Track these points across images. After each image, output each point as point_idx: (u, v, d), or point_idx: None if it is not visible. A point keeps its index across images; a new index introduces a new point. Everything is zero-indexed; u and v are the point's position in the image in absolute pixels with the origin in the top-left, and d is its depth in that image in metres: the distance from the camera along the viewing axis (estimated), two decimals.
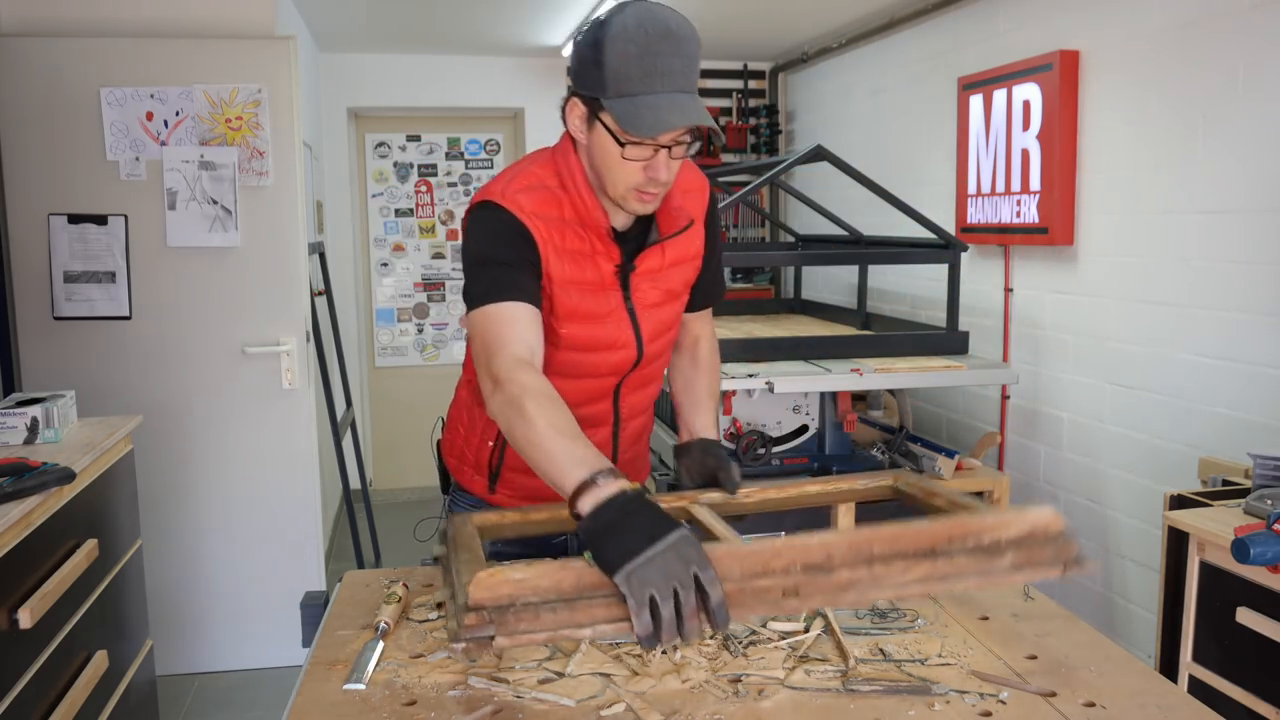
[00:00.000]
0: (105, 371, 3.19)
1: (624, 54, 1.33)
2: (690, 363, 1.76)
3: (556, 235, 1.47)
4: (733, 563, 1.11)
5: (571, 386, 1.57)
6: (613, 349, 1.56)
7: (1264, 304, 2.51)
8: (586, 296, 1.51)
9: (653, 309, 1.57)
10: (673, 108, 1.34)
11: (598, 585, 1.08)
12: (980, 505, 1.43)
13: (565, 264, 1.48)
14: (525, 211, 1.46)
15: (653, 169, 1.40)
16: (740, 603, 1.10)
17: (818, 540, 1.14)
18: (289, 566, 3.38)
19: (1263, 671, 1.89)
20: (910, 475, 1.61)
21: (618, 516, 1.11)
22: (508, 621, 1.05)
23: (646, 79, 1.33)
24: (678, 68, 1.34)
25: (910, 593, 1.17)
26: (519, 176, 1.50)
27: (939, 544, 1.17)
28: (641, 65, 1.33)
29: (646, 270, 1.55)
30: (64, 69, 3.10)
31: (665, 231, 1.54)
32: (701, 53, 1.40)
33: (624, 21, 1.34)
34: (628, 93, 1.34)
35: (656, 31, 1.32)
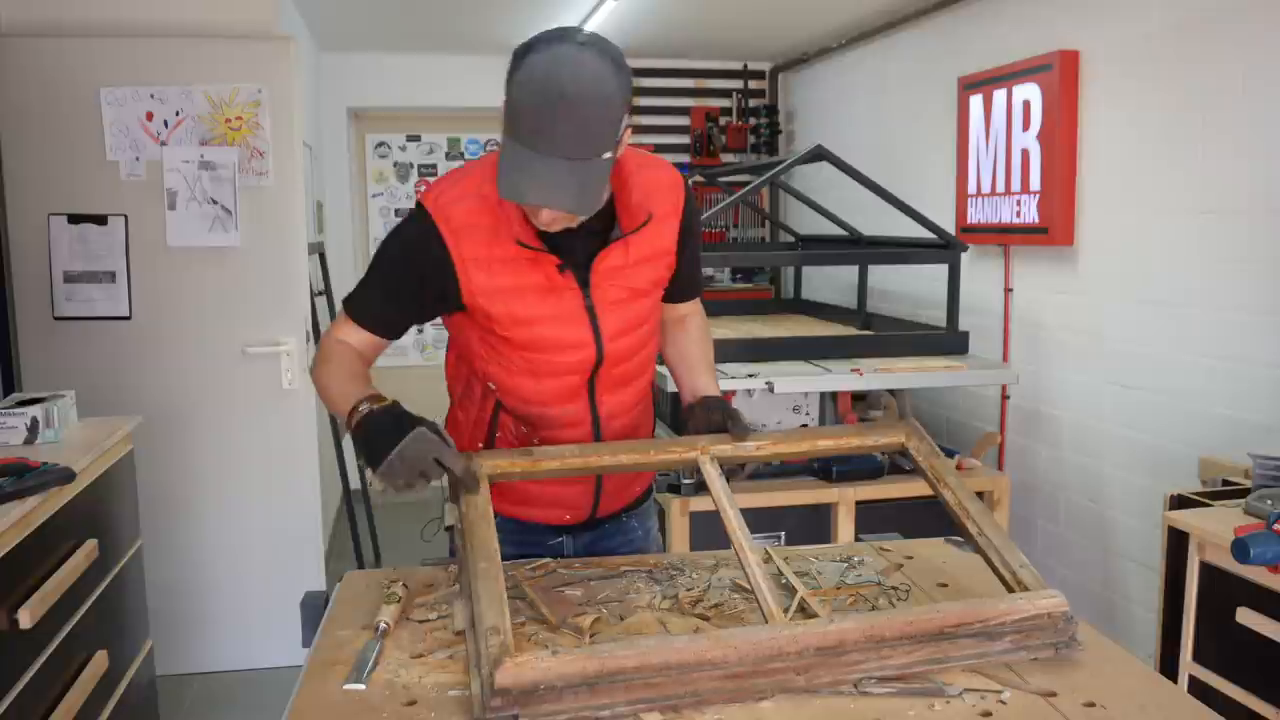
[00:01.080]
0: (105, 371, 3.18)
1: (518, 102, 1.29)
2: (680, 334, 1.78)
3: (484, 247, 1.47)
4: (749, 648, 1.16)
5: (538, 386, 1.58)
6: (569, 349, 1.55)
7: (1264, 304, 2.51)
8: (530, 301, 1.50)
9: (616, 306, 1.56)
10: (535, 180, 1.29)
11: (617, 671, 1.12)
12: (984, 514, 1.45)
13: (495, 275, 1.48)
14: (451, 226, 1.47)
15: (534, 213, 1.40)
16: (751, 681, 1.16)
17: (835, 628, 1.20)
18: (289, 566, 3.37)
19: (1263, 671, 1.89)
20: (922, 443, 1.59)
21: (370, 429, 1.39)
22: (531, 704, 1.10)
23: (531, 135, 1.28)
24: (566, 134, 1.27)
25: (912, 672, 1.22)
26: (459, 181, 1.52)
27: (947, 629, 1.23)
28: (531, 121, 1.27)
29: (608, 269, 1.53)
30: (64, 69, 3.09)
31: (625, 229, 1.52)
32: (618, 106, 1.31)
33: (532, 69, 1.28)
34: (514, 136, 1.30)
35: (553, 92, 1.25)
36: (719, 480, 1.48)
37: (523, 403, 1.60)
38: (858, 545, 1.77)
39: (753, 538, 1.39)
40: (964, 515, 1.46)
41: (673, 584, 1.53)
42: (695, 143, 5.59)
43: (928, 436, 1.60)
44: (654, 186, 1.55)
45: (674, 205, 1.58)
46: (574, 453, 1.52)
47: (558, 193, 1.30)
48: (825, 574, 1.58)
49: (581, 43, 1.31)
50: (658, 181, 1.57)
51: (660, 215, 1.56)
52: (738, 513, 1.41)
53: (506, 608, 1.19)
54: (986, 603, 1.28)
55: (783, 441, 1.60)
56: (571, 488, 1.68)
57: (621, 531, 1.79)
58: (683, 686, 1.14)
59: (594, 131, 1.30)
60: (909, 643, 1.22)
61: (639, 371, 1.67)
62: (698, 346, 1.77)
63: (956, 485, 1.50)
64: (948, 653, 1.23)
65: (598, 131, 1.30)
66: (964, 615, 1.24)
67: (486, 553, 1.29)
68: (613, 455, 1.54)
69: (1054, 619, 1.27)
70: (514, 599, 1.46)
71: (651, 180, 1.55)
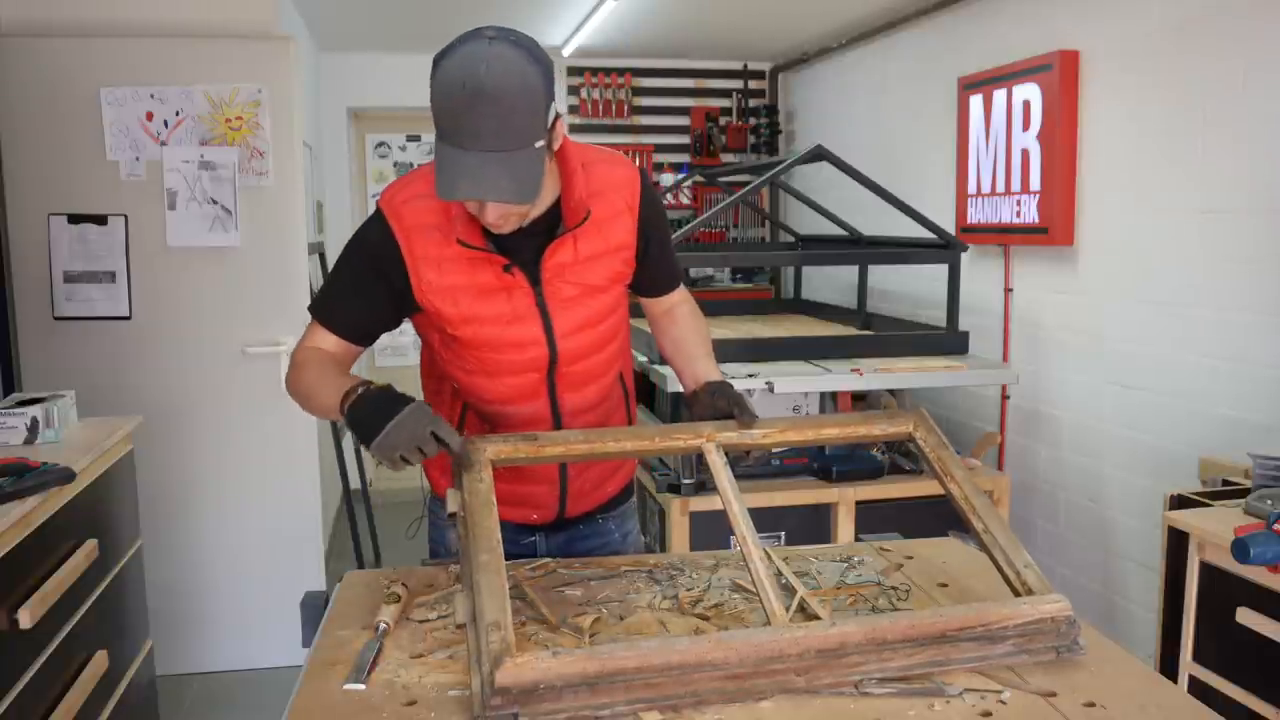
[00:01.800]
0: (105, 371, 3.18)
1: (439, 103, 1.31)
2: (671, 324, 1.77)
3: (435, 246, 1.49)
4: (750, 650, 1.17)
5: (496, 385, 1.59)
6: (520, 347, 1.56)
7: (1264, 304, 2.51)
8: (480, 300, 1.52)
9: (569, 304, 1.56)
10: (465, 176, 1.30)
11: (618, 672, 1.13)
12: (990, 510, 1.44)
13: (446, 273, 1.50)
14: (404, 225, 1.50)
15: (480, 212, 1.41)
16: (751, 682, 1.16)
17: (836, 631, 1.20)
18: (289, 566, 3.37)
19: (1263, 671, 1.89)
20: (929, 433, 1.57)
21: (365, 406, 1.41)
22: (530, 703, 1.10)
23: (455, 134, 1.30)
24: (490, 128, 1.28)
25: (913, 674, 1.21)
26: (413, 182, 1.54)
27: (950, 632, 1.23)
28: (452, 120, 1.29)
29: (557, 265, 1.53)
30: (64, 69, 3.09)
31: (567, 225, 1.52)
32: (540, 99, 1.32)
33: (446, 70, 1.30)
34: (442, 137, 1.32)
35: (471, 88, 1.27)
36: (725, 470, 1.47)
37: (483, 402, 1.62)
38: (858, 545, 1.77)
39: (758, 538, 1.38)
40: (969, 510, 1.45)
41: (673, 584, 1.53)
42: (695, 143, 5.59)
43: (936, 427, 1.58)
44: (603, 183, 1.56)
45: (628, 201, 1.58)
46: (579, 438, 1.52)
47: (489, 185, 1.31)
48: (825, 574, 1.58)
49: (491, 38, 1.33)
50: (606, 178, 1.56)
51: (610, 212, 1.55)
52: (743, 506, 1.40)
53: (508, 603, 1.19)
54: (990, 606, 1.28)
55: (790, 429, 1.58)
56: (537, 487, 1.69)
57: (598, 534, 1.79)
58: (683, 687, 1.14)
59: (518, 122, 1.31)
60: (910, 645, 1.22)
61: (602, 370, 1.67)
62: (692, 333, 1.75)
63: (963, 479, 1.48)
64: (949, 655, 1.23)
65: (522, 122, 1.31)
66: (967, 619, 1.24)
67: (489, 543, 1.28)
68: (617, 442, 1.53)
69: (1057, 623, 1.27)
70: (514, 599, 1.46)
71: (599, 177, 1.55)
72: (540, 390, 1.61)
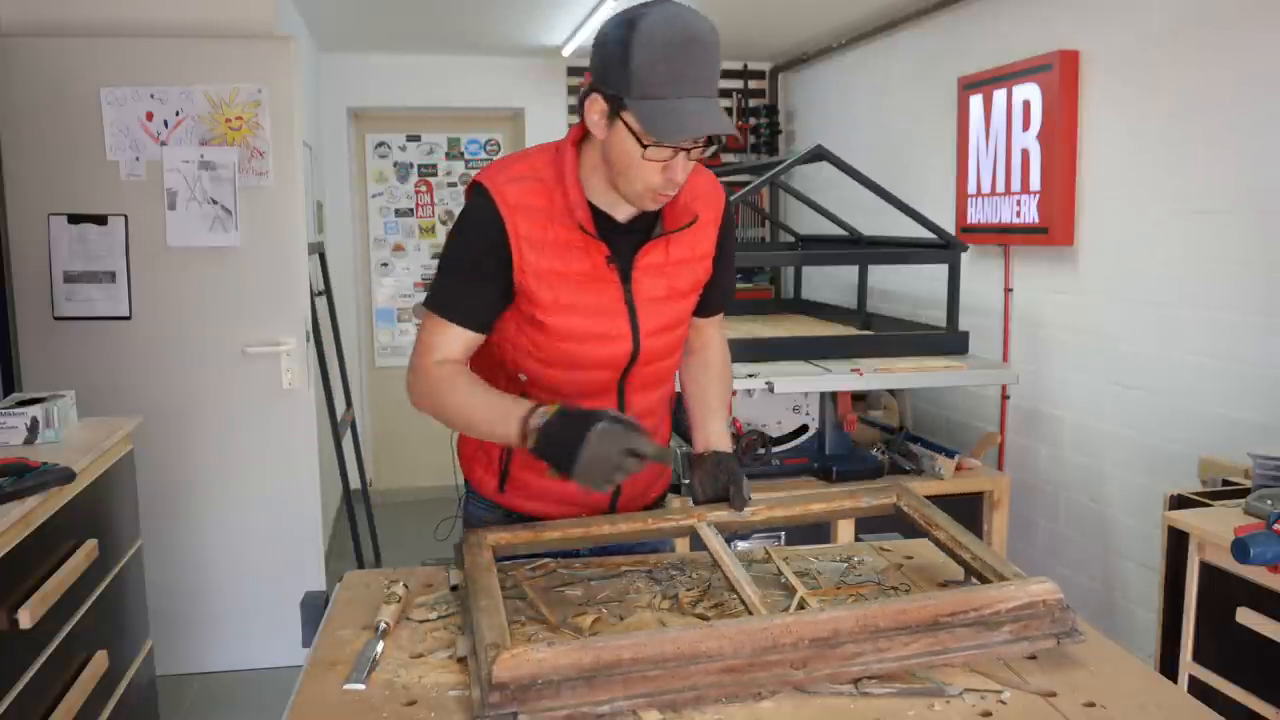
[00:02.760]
0: (105, 371, 3.19)
1: (651, 57, 1.34)
2: (702, 369, 1.77)
3: (539, 228, 1.50)
4: (744, 639, 1.17)
5: (568, 379, 1.59)
6: (606, 341, 1.56)
7: (1264, 304, 2.51)
8: (574, 288, 1.52)
9: (654, 304, 1.58)
10: (696, 115, 1.36)
11: (615, 664, 1.13)
12: (977, 543, 1.46)
13: (545, 257, 1.50)
14: (508, 203, 1.49)
15: (670, 170, 1.42)
16: (750, 675, 1.17)
17: (826, 616, 1.21)
18: (289, 566, 3.37)
19: (1263, 671, 1.89)
20: (912, 498, 1.64)
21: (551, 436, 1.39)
22: (529, 699, 1.10)
23: (672, 84, 1.34)
24: (703, 74, 1.36)
25: (913, 664, 1.22)
26: (516, 164, 1.54)
27: (942, 617, 1.23)
28: (668, 70, 1.34)
29: (649, 265, 1.56)
30: (64, 69, 3.10)
31: (669, 227, 1.55)
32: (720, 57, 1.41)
33: (652, 24, 1.34)
34: (652, 95, 1.35)
35: (684, 37, 1.33)
36: (716, 539, 1.51)
37: (552, 395, 1.59)
38: (857, 545, 1.77)
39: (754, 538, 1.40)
40: (957, 547, 1.49)
41: (673, 584, 1.53)
42: None
43: (916, 493, 1.65)
44: (698, 190, 1.59)
45: (715, 211, 1.63)
46: (575, 524, 1.56)
47: (718, 121, 1.37)
48: (825, 574, 1.58)
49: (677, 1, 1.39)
50: (701, 188, 1.61)
51: (703, 219, 1.59)
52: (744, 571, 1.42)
53: (508, 635, 1.19)
54: (977, 591, 1.29)
55: (778, 506, 1.64)
56: None
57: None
58: (681, 681, 1.14)
59: (718, 69, 1.40)
60: (905, 633, 1.21)
61: (667, 375, 1.71)
62: (716, 386, 1.76)
63: (947, 523, 1.54)
64: (946, 644, 1.23)
65: (718, 70, 1.40)
66: (957, 604, 1.24)
67: (488, 594, 1.31)
68: (612, 525, 1.58)
69: (1050, 606, 1.26)
70: (514, 599, 1.46)
71: (696, 185, 1.59)
72: (611, 389, 1.62)
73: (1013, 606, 1.25)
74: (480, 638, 1.19)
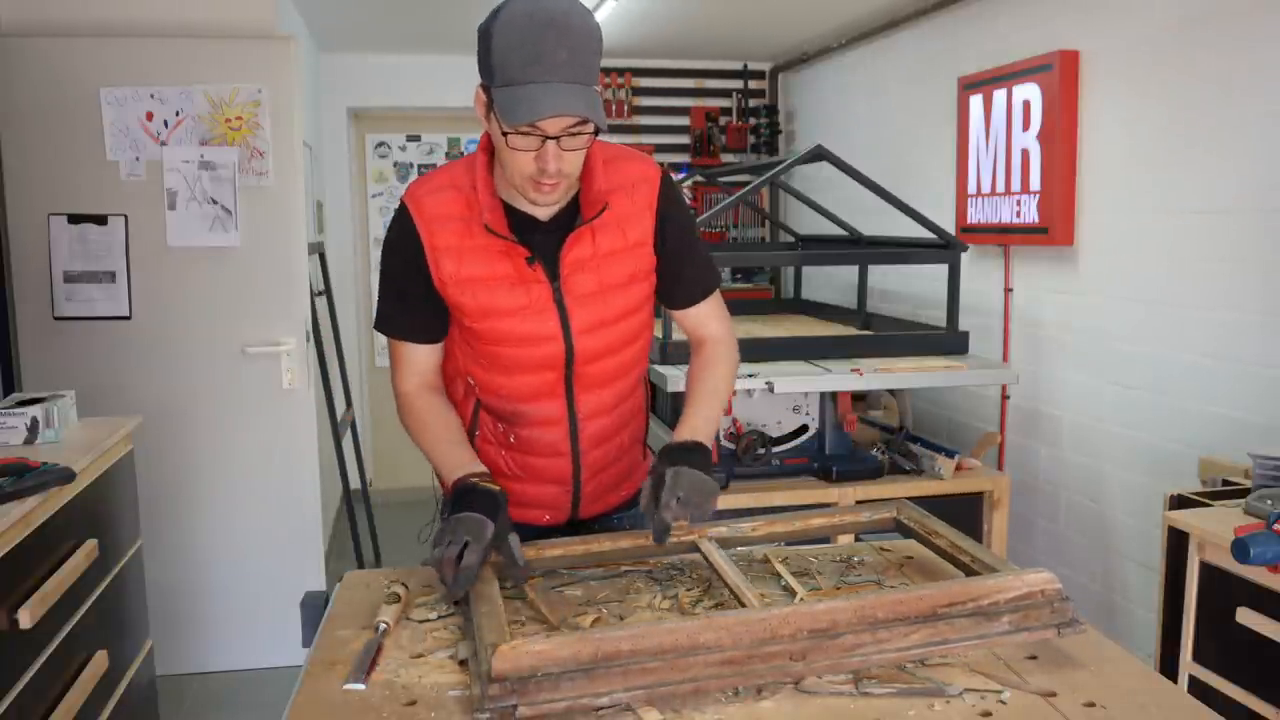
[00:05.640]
0: (105, 371, 3.19)
1: (507, 43, 1.32)
2: (696, 362, 1.74)
3: (455, 236, 1.51)
4: (742, 630, 1.17)
5: (513, 382, 1.59)
6: (535, 342, 1.55)
7: (1264, 304, 2.51)
8: (497, 292, 1.52)
9: (586, 300, 1.55)
10: (544, 99, 1.32)
11: (614, 655, 1.13)
12: (978, 548, 1.46)
13: (466, 264, 1.51)
14: (424, 215, 1.52)
15: (541, 159, 1.39)
16: (749, 667, 1.16)
17: (824, 607, 1.20)
18: (289, 566, 3.37)
19: (1263, 671, 1.89)
20: (912, 510, 1.65)
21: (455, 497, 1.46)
22: (529, 691, 1.10)
23: (527, 68, 1.31)
24: (561, 58, 1.32)
25: (913, 655, 1.21)
26: (437, 176, 1.56)
27: (940, 608, 1.23)
28: (523, 54, 1.31)
29: (576, 260, 1.53)
30: (64, 69, 3.09)
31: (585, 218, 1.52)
32: (600, 43, 1.38)
33: (512, 11, 1.33)
34: (510, 81, 1.33)
35: (541, 20, 1.31)
36: (717, 552, 1.51)
37: (500, 399, 1.62)
38: (857, 545, 1.77)
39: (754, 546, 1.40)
40: (958, 552, 1.49)
41: (673, 584, 1.53)
42: (695, 143, 5.59)
43: (916, 506, 1.66)
44: (622, 179, 1.56)
45: (646, 198, 1.57)
46: (577, 542, 1.56)
47: (571, 103, 1.33)
48: (825, 574, 1.58)
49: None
50: (626, 174, 1.57)
51: (631, 208, 1.55)
52: (741, 576, 1.43)
53: (508, 636, 1.19)
54: (976, 582, 1.28)
55: (779, 522, 1.64)
56: (546, 487, 1.68)
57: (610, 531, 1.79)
58: (680, 673, 1.14)
59: (589, 58, 1.35)
60: (904, 624, 1.21)
61: (621, 372, 1.66)
62: (707, 375, 1.69)
63: (947, 531, 1.55)
64: (946, 635, 1.22)
65: (591, 59, 1.36)
66: (954, 594, 1.24)
67: (489, 600, 1.31)
68: (614, 543, 1.57)
69: (1049, 596, 1.26)
70: (514, 599, 1.46)
71: (621, 172, 1.56)
72: (557, 390, 1.61)
73: (1011, 597, 1.25)
74: (481, 638, 1.19)
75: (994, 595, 1.25)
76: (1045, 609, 1.26)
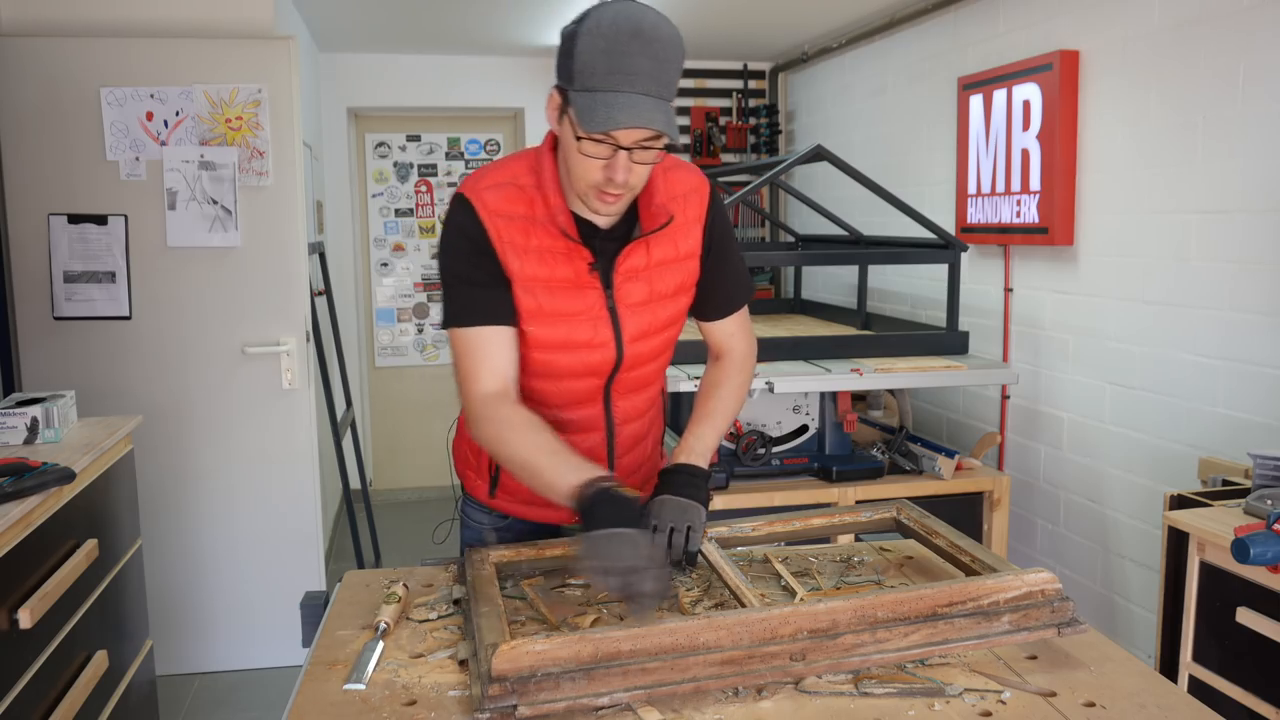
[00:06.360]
0: (105, 371, 3.19)
1: (592, 48, 1.32)
2: (711, 374, 1.73)
3: (520, 234, 1.48)
4: (742, 630, 1.17)
5: (552, 389, 1.58)
6: (589, 348, 1.55)
7: (1264, 304, 2.51)
8: (556, 295, 1.51)
9: (637, 308, 1.56)
10: (627, 108, 1.31)
11: (614, 655, 1.13)
12: (978, 547, 1.46)
13: (529, 263, 1.49)
14: (488, 209, 1.48)
15: (611, 169, 1.39)
16: (749, 667, 1.16)
17: (824, 607, 1.21)
18: (289, 566, 3.38)
19: (1263, 671, 1.89)
20: (912, 510, 1.66)
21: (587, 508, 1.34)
22: (529, 691, 1.10)
23: (610, 76, 1.31)
24: (644, 68, 1.31)
25: (913, 655, 1.21)
26: (494, 171, 1.53)
27: (940, 608, 1.23)
28: (607, 61, 1.31)
29: (630, 269, 1.53)
30: (64, 69, 3.10)
31: (645, 229, 1.53)
32: (683, 59, 1.38)
33: (599, 17, 1.33)
34: (590, 87, 1.33)
35: (629, 31, 1.31)
36: (717, 552, 1.52)
37: (540, 406, 1.59)
38: (858, 545, 1.77)
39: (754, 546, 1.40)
40: (958, 552, 1.49)
41: (673, 584, 1.53)
42: (695, 143, 5.59)
43: (915, 507, 1.67)
44: (678, 189, 1.56)
45: (698, 210, 1.59)
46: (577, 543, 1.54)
47: (650, 116, 1.32)
48: (825, 574, 1.58)
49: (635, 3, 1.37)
50: (682, 183, 1.57)
51: (683, 219, 1.56)
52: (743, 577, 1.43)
53: (508, 636, 1.19)
54: (976, 581, 1.28)
55: (778, 523, 1.65)
56: None
57: None
58: (680, 673, 1.14)
59: (670, 73, 1.35)
60: (904, 624, 1.21)
61: (654, 378, 1.67)
62: (717, 394, 1.67)
63: (947, 531, 1.55)
64: (946, 635, 1.22)
65: (670, 74, 1.35)
66: (954, 594, 1.24)
67: (489, 601, 1.31)
68: None
69: (1049, 596, 1.27)
70: (514, 599, 1.46)
71: (677, 182, 1.57)
72: (597, 396, 1.61)
73: (1011, 597, 1.25)
74: (481, 638, 1.19)
75: (994, 595, 1.25)
76: (1045, 609, 1.26)
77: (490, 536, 1.70)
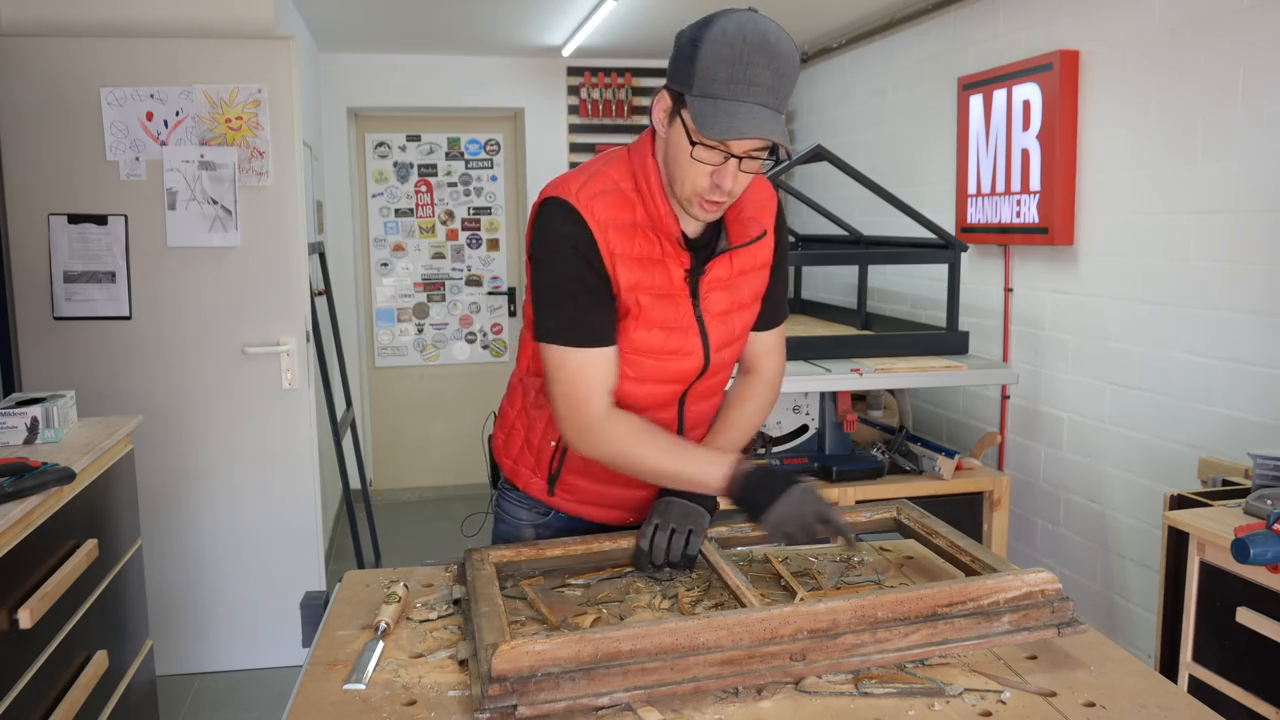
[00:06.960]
0: (105, 371, 3.19)
1: (717, 55, 1.33)
2: (738, 386, 1.74)
3: (626, 241, 1.47)
4: (742, 630, 1.17)
5: (637, 391, 1.56)
6: (680, 355, 1.55)
7: (1264, 304, 2.51)
8: (656, 302, 1.50)
9: (721, 317, 1.56)
10: (748, 117, 1.33)
11: (614, 655, 1.13)
12: (978, 547, 1.46)
13: (634, 270, 1.48)
14: (598, 219, 1.45)
15: (720, 176, 1.39)
16: (749, 667, 1.17)
17: (824, 607, 1.21)
18: (289, 566, 3.37)
19: (1263, 671, 1.89)
20: (912, 510, 1.66)
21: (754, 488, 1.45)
22: (529, 691, 1.10)
23: (732, 85, 1.33)
24: (766, 80, 1.33)
25: (913, 655, 1.22)
26: (595, 178, 1.48)
27: (940, 608, 1.23)
28: (731, 70, 1.32)
29: (715, 278, 1.54)
30: (64, 69, 3.10)
31: (735, 241, 1.53)
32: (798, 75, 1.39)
33: (725, 25, 1.34)
34: (711, 94, 1.34)
35: (754, 41, 1.32)
36: (717, 552, 1.53)
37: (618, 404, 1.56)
38: (857, 545, 1.77)
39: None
40: (958, 552, 1.49)
41: (673, 584, 1.53)
42: None
43: (915, 507, 1.68)
44: (761, 200, 1.58)
45: (770, 220, 1.61)
46: (578, 542, 1.57)
47: (770, 127, 1.34)
48: (825, 574, 1.58)
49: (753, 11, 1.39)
50: (760, 194, 1.59)
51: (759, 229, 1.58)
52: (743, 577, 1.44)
53: (508, 636, 1.19)
54: (975, 581, 1.29)
55: None
56: (633, 491, 1.67)
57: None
58: (680, 673, 1.14)
59: (786, 85, 1.36)
60: (904, 624, 1.21)
61: (724, 384, 1.70)
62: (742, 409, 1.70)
63: (947, 531, 1.55)
64: (946, 635, 1.23)
65: (787, 87, 1.37)
66: (955, 594, 1.25)
67: (489, 601, 1.32)
68: (613, 542, 1.59)
69: (1049, 596, 1.27)
70: (514, 599, 1.46)
71: (759, 191, 1.58)
72: (674, 400, 1.61)
73: (1011, 597, 1.26)
74: (481, 638, 1.19)
75: (994, 595, 1.25)
76: (1045, 609, 1.26)
77: (528, 533, 1.70)
